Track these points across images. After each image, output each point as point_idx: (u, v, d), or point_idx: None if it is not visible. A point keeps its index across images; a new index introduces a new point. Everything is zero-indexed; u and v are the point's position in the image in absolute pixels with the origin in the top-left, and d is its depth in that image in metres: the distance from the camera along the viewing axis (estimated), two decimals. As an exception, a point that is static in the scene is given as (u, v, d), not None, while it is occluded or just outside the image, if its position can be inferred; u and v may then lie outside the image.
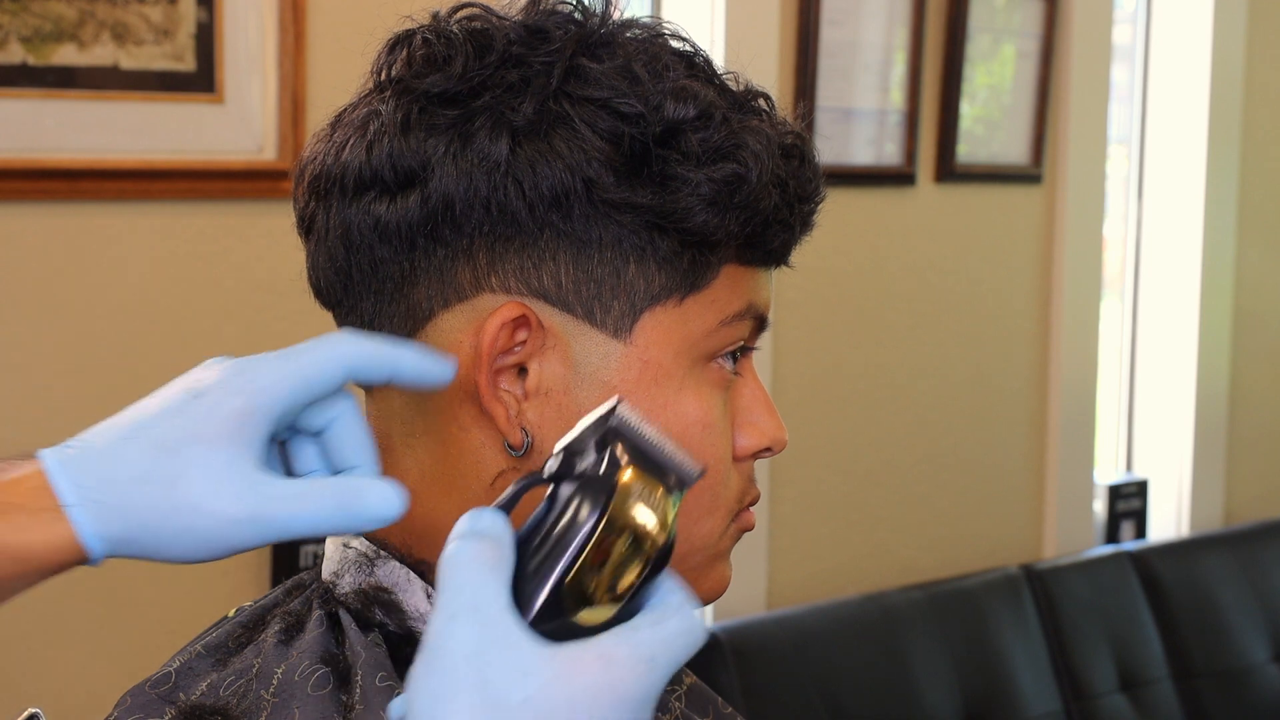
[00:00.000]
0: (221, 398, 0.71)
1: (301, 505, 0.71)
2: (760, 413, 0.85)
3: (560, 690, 0.63)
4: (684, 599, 0.68)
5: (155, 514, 0.70)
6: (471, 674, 0.63)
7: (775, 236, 0.82)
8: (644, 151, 0.78)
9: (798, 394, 2.53)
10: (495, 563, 0.66)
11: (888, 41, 2.56)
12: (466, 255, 0.79)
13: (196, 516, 0.70)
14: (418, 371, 0.75)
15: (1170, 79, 3.08)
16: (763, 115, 0.83)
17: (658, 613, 0.67)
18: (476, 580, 0.65)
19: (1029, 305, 2.84)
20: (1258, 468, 3.25)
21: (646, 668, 0.65)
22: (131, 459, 0.70)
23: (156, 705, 0.80)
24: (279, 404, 0.72)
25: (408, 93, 0.81)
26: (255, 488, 0.71)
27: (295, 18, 1.94)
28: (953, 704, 2.47)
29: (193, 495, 0.70)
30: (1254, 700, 2.85)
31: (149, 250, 1.91)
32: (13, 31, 1.80)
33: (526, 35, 0.81)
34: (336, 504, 0.72)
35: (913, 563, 2.72)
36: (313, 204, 0.84)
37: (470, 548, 0.66)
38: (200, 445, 0.70)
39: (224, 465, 0.70)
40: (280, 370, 0.72)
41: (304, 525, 0.72)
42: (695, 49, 0.84)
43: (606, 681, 0.64)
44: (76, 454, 0.70)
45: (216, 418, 0.71)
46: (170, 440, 0.70)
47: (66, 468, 0.70)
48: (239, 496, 0.70)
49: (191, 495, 0.70)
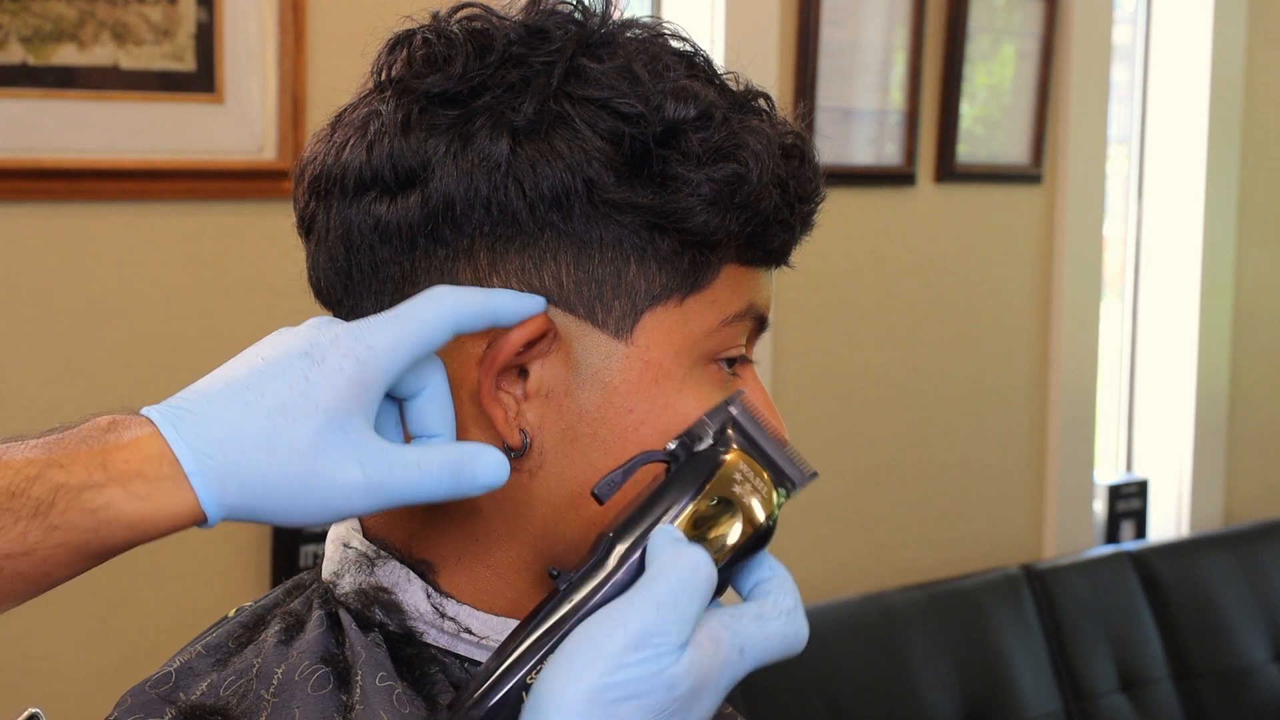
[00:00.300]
0: (341, 364, 0.72)
1: (420, 474, 0.73)
2: (761, 412, 0.85)
3: (700, 675, 0.70)
4: (796, 605, 0.74)
5: (276, 482, 0.70)
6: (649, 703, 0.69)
7: (775, 236, 0.82)
8: (644, 151, 0.78)
9: (798, 394, 2.53)
10: (704, 592, 0.71)
11: (888, 41, 2.56)
12: (467, 255, 0.79)
13: (318, 483, 0.71)
14: (515, 311, 0.77)
15: (1170, 79, 3.08)
16: (763, 115, 0.83)
17: (765, 607, 0.73)
18: (692, 602, 0.71)
19: (1029, 305, 2.84)
20: (1258, 468, 3.25)
21: (736, 656, 0.71)
22: (251, 425, 0.70)
23: (157, 705, 0.80)
24: (396, 368, 0.73)
25: (408, 93, 0.81)
26: (376, 457, 0.72)
27: (295, 18, 1.94)
28: (953, 704, 2.47)
29: (317, 464, 0.71)
30: (1254, 700, 2.85)
31: (149, 250, 1.91)
32: (13, 31, 1.80)
33: (527, 35, 0.81)
34: (452, 472, 0.74)
35: (913, 563, 2.72)
36: (313, 204, 0.84)
37: (696, 575, 0.71)
38: (321, 414, 0.71)
39: (346, 434, 0.71)
40: (395, 333, 0.73)
41: (420, 493, 0.73)
42: (695, 49, 0.84)
43: (711, 663, 0.70)
44: (190, 416, 0.70)
45: (337, 385, 0.71)
46: (290, 407, 0.71)
47: (182, 432, 0.70)
48: (361, 465, 0.71)
49: (316, 464, 0.71)
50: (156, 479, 0.69)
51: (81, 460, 0.69)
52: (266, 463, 0.70)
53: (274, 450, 0.70)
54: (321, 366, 0.72)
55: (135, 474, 0.69)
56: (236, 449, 0.70)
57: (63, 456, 0.69)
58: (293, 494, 0.71)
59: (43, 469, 0.68)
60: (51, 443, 0.70)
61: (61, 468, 0.68)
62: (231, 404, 0.71)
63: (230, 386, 0.71)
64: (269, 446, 0.70)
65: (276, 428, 0.70)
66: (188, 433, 0.70)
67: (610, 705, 0.68)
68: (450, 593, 0.83)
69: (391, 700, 0.77)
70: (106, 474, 0.68)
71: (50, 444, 0.70)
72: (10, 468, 0.68)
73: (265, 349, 0.73)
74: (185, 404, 0.71)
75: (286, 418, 0.70)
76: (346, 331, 0.73)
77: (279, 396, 0.71)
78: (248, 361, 0.73)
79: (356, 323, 0.74)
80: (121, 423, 0.70)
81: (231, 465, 0.70)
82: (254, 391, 0.71)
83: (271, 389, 0.71)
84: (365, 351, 0.72)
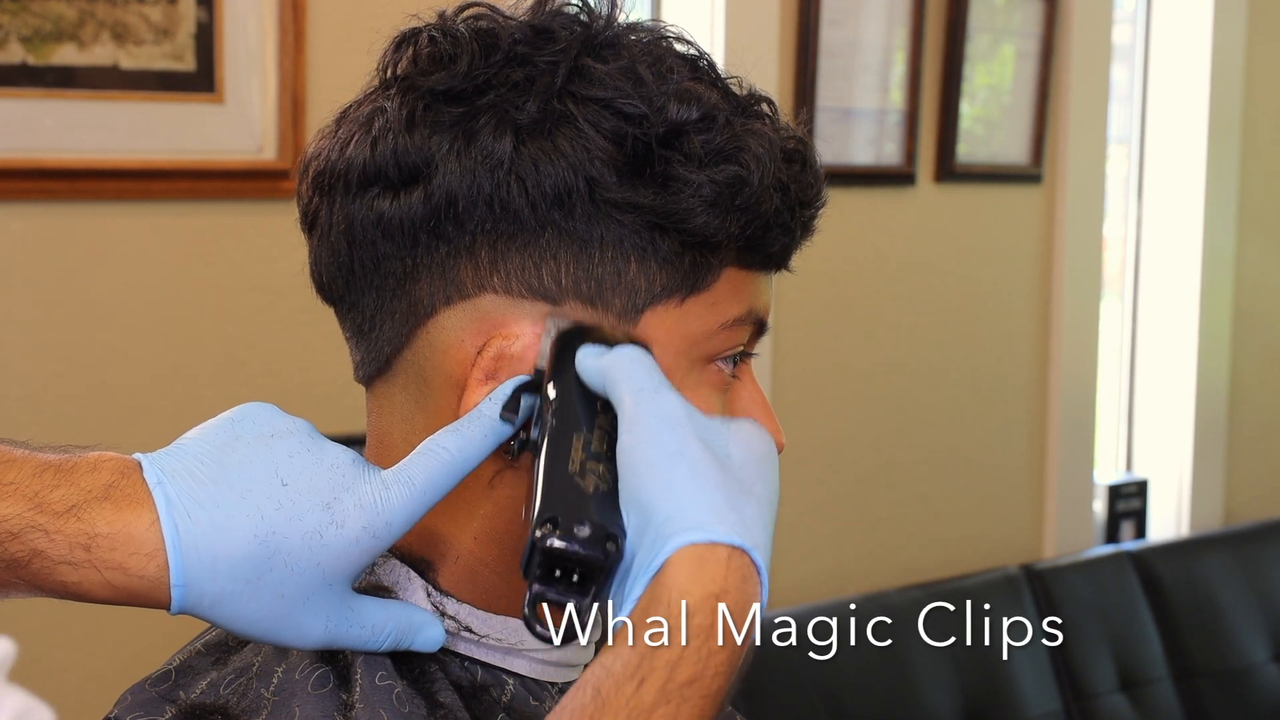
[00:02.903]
0: (359, 535, 0.74)
1: (370, 635, 0.77)
2: (758, 416, 0.85)
3: (745, 451, 0.73)
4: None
5: (248, 610, 0.72)
6: (695, 435, 0.71)
7: (775, 240, 0.83)
8: (646, 152, 0.78)
9: (798, 394, 2.53)
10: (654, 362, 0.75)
11: (888, 41, 2.56)
12: (469, 252, 0.79)
13: (284, 624, 0.73)
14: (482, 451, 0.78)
15: (1170, 79, 3.08)
16: (765, 119, 0.83)
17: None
18: (652, 365, 0.74)
19: (1029, 305, 2.84)
20: (1258, 468, 3.25)
21: (769, 443, 0.75)
22: (250, 558, 0.72)
23: (157, 704, 0.80)
24: (402, 533, 0.76)
25: (413, 90, 0.81)
26: (343, 617, 0.75)
27: (295, 18, 1.94)
28: (953, 704, 2.47)
29: (293, 612, 0.73)
30: (1254, 700, 2.85)
31: (149, 250, 1.91)
32: (13, 31, 1.80)
33: (532, 35, 0.81)
34: (394, 640, 0.78)
35: (913, 563, 2.72)
36: (316, 199, 0.84)
37: (632, 349, 0.75)
38: (319, 574, 0.73)
39: (329, 594, 0.74)
40: (411, 506, 0.75)
41: (364, 649, 0.77)
42: (700, 53, 0.84)
43: (759, 440, 0.75)
44: (195, 523, 0.71)
45: (350, 556, 0.74)
46: (296, 558, 0.72)
47: (183, 536, 0.71)
48: (327, 622, 0.74)
49: (292, 611, 0.73)
50: (139, 575, 0.71)
51: (66, 533, 0.70)
52: (250, 596, 0.72)
53: (261, 586, 0.72)
54: (340, 531, 0.73)
55: (117, 565, 0.70)
56: (227, 575, 0.72)
57: (48, 522, 0.70)
58: (259, 625, 0.73)
59: (24, 528, 0.69)
60: (39, 489, 0.70)
61: (44, 533, 0.69)
62: (241, 530, 0.72)
63: (246, 500, 0.72)
64: (258, 581, 0.72)
65: (274, 568, 0.72)
66: (189, 544, 0.71)
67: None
68: (450, 591, 0.83)
69: (392, 699, 0.77)
70: (89, 556, 0.70)
71: (37, 491, 0.70)
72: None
73: (284, 466, 0.74)
74: (195, 503, 0.72)
75: (288, 567, 0.72)
76: (371, 502, 0.74)
77: (289, 542, 0.72)
78: (266, 471, 0.74)
79: (378, 485, 0.75)
80: (118, 492, 0.71)
81: (217, 589, 0.72)
82: (266, 524, 0.72)
83: (285, 529, 0.72)
84: (383, 528, 0.74)
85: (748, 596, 0.66)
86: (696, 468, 0.69)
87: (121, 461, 0.73)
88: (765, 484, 0.72)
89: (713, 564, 0.66)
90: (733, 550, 0.67)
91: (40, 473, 0.71)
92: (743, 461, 0.72)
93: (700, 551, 0.66)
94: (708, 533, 0.67)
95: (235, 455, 0.74)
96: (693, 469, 0.69)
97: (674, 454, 0.70)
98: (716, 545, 0.67)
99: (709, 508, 0.68)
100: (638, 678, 0.63)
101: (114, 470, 0.72)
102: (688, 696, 0.63)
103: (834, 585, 2.59)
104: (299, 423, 0.77)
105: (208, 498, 0.72)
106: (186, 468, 0.73)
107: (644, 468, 0.69)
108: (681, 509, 0.67)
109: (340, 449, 0.77)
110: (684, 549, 0.66)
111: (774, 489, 0.73)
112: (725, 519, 0.67)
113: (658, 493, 0.68)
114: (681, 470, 0.69)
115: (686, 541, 0.67)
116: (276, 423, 0.76)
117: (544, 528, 0.69)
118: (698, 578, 0.66)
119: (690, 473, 0.69)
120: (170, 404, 1.92)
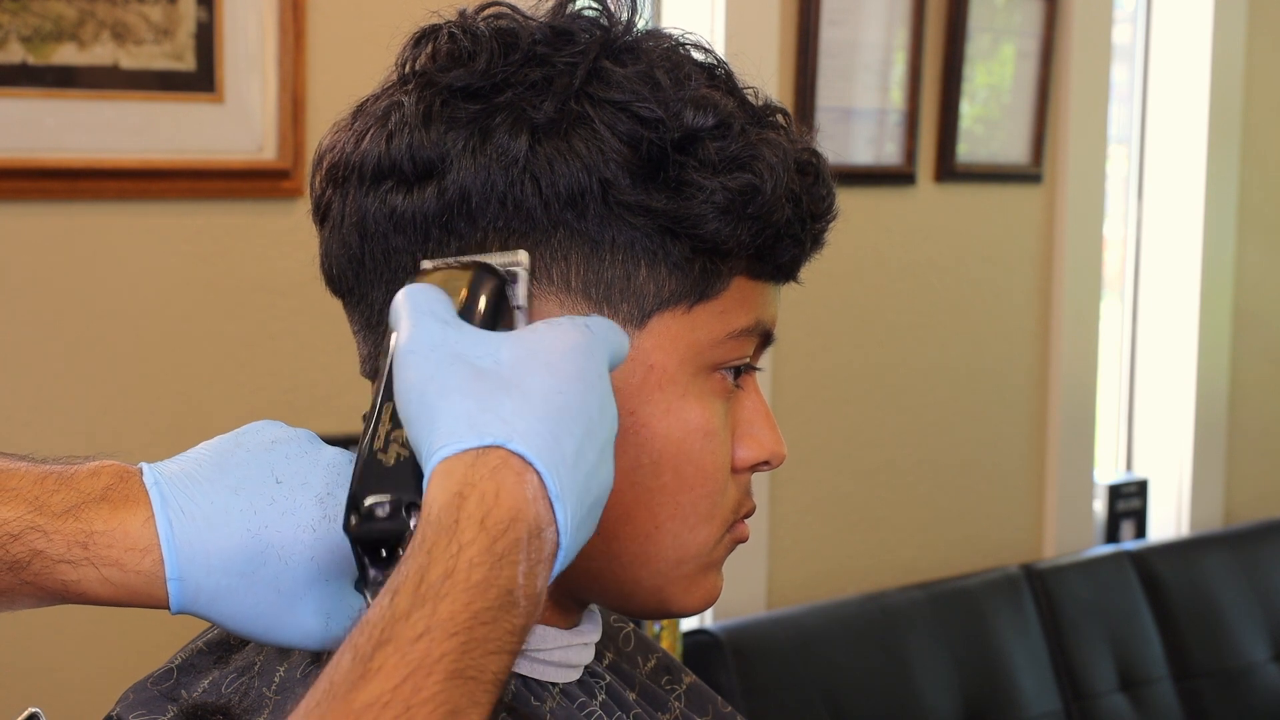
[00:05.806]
0: None
1: None
2: (761, 426, 0.86)
3: (522, 349, 0.70)
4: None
5: (244, 605, 0.72)
6: (449, 353, 0.69)
7: (785, 250, 0.83)
8: (661, 156, 0.79)
9: (798, 393, 2.53)
10: (440, 295, 0.72)
11: (888, 41, 2.56)
12: (480, 249, 0.79)
13: (282, 622, 0.73)
14: None
15: (1170, 79, 3.08)
16: (780, 130, 0.84)
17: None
18: (430, 297, 0.72)
19: (1029, 305, 2.84)
20: (1258, 468, 3.25)
21: (584, 330, 0.72)
22: (246, 553, 0.72)
23: (159, 702, 0.80)
24: None
25: (430, 86, 0.81)
26: (344, 613, 0.74)
27: (295, 18, 1.94)
28: (953, 704, 2.47)
29: (292, 607, 0.73)
30: (1254, 700, 2.85)
31: (149, 250, 1.91)
32: (13, 31, 1.79)
33: (552, 36, 0.81)
34: None
35: (913, 563, 2.72)
36: (329, 191, 0.84)
37: (406, 288, 0.72)
38: (315, 571, 0.73)
39: (327, 589, 0.74)
40: None
41: None
42: (718, 61, 0.85)
43: (555, 334, 0.71)
44: (191, 521, 0.71)
45: (340, 550, 0.73)
46: (291, 551, 0.72)
47: (178, 534, 0.71)
48: (326, 618, 0.74)
49: (291, 607, 0.73)
50: (135, 571, 0.71)
51: (65, 532, 0.70)
52: (245, 590, 0.72)
53: (256, 580, 0.72)
54: (334, 525, 0.73)
55: (114, 561, 0.71)
56: (221, 569, 0.72)
57: (46, 523, 0.70)
58: (258, 622, 0.73)
59: (24, 529, 0.70)
60: (40, 494, 0.71)
61: (43, 533, 0.70)
62: (234, 525, 0.72)
63: (238, 496, 0.73)
64: (253, 575, 0.72)
65: (268, 562, 0.72)
66: (183, 539, 0.71)
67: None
68: (449, 590, 0.83)
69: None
70: (86, 553, 0.70)
71: (38, 495, 0.71)
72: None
73: (280, 466, 0.74)
74: (190, 499, 0.72)
75: (281, 561, 0.72)
76: None
77: (282, 536, 0.72)
78: (262, 471, 0.74)
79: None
80: (116, 493, 0.72)
81: (212, 583, 0.72)
82: (259, 518, 0.72)
83: (278, 524, 0.72)
84: None
85: (502, 484, 0.64)
86: (446, 384, 0.67)
87: (122, 468, 0.73)
88: (542, 375, 0.69)
89: (458, 469, 0.65)
90: (481, 450, 0.65)
91: (42, 479, 0.72)
92: (514, 359, 0.69)
93: (447, 464, 0.65)
94: (456, 444, 0.66)
95: (233, 459, 0.74)
96: (442, 387, 0.67)
97: (428, 379, 0.68)
98: (465, 453, 0.65)
99: (457, 418, 0.66)
100: (390, 591, 0.63)
101: (113, 475, 0.73)
102: (444, 593, 0.62)
103: (834, 585, 2.59)
104: (300, 431, 0.77)
105: (201, 495, 0.72)
106: (184, 470, 0.73)
107: (411, 407, 0.68)
108: (434, 431, 0.66)
109: (338, 451, 0.77)
110: (435, 469, 0.66)
111: (563, 375, 0.69)
112: (475, 423, 0.66)
113: (423, 426, 0.67)
114: (432, 393, 0.67)
115: (437, 460, 0.66)
116: (278, 432, 0.76)
117: (351, 517, 0.69)
118: (443, 486, 0.65)
119: (440, 391, 0.67)
120: (170, 403, 1.92)
